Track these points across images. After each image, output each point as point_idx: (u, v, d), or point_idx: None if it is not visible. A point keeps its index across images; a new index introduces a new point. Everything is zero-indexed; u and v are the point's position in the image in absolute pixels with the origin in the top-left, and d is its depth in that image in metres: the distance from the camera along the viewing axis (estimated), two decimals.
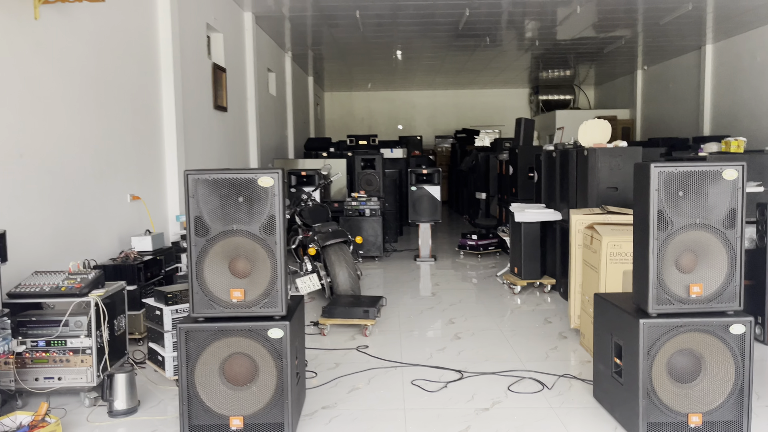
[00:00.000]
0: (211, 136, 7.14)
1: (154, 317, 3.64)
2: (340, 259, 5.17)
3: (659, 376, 2.73)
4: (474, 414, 3.10)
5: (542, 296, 5.63)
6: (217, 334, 2.76)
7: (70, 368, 3.24)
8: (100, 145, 4.61)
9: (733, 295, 2.71)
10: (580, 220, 4.19)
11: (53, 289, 3.26)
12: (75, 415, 3.15)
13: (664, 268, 2.70)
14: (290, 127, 12.21)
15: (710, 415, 2.72)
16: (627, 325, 2.81)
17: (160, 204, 5.69)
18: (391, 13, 9.08)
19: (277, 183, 2.75)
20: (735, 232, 2.70)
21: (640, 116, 15.71)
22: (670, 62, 13.91)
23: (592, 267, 3.93)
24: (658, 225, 2.69)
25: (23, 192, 3.69)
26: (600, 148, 4.82)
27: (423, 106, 19.06)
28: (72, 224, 4.19)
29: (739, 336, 2.70)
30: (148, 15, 5.53)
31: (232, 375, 2.79)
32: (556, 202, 5.74)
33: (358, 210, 7.48)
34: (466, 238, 7.98)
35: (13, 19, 3.62)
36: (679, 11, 9.35)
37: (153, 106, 5.60)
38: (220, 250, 2.76)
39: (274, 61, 10.95)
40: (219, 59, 7.71)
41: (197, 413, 2.78)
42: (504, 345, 4.21)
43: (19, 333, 3.20)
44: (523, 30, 10.53)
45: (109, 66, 4.77)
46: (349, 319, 4.52)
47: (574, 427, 2.93)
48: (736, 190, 2.69)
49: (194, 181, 2.73)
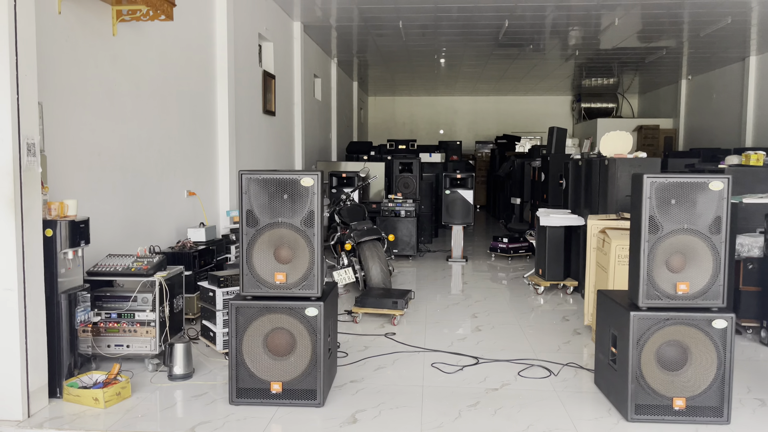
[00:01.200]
0: (260, 139, 7.70)
1: (207, 298, 4.16)
2: (373, 255, 5.62)
3: (648, 364, 3.06)
4: (484, 392, 3.49)
5: (564, 297, 5.94)
6: (262, 310, 3.24)
7: (137, 338, 3.78)
8: (163, 145, 5.18)
9: (717, 294, 3.03)
10: (595, 224, 4.52)
11: (124, 270, 3.80)
12: (140, 378, 3.68)
13: (654, 267, 3.04)
14: (334, 130, 12.75)
15: (693, 400, 3.04)
16: (621, 318, 3.15)
17: (212, 200, 6.26)
18: (433, 23, 9.49)
19: (316, 183, 3.21)
20: (720, 237, 3.01)
21: (683, 126, 15.65)
22: (714, 73, 13.86)
23: (603, 268, 4.25)
24: (650, 229, 3.03)
25: (99, 186, 4.26)
26: (620, 158, 5.12)
27: (465, 111, 19.37)
28: (138, 215, 4.76)
29: (721, 330, 3.01)
30: (206, 28, 6.10)
31: (274, 346, 3.25)
32: (580, 208, 6.04)
33: (394, 211, 7.91)
34: (498, 241, 8.32)
35: (96, 36, 4.20)
36: (718, 24, 9.46)
37: (208, 110, 6.17)
38: (267, 239, 3.24)
39: (320, 68, 11.50)
40: (269, 67, 8.27)
41: (243, 378, 3.26)
42: (520, 338, 4.57)
43: (96, 305, 3.75)
44: (565, 39, 10.75)
45: (172, 75, 5.34)
46: (379, 309, 4.95)
47: (572, 407, 3.29)
48: (721, 200, 3.00)
49: (247, 179, 3.21)
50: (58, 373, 3.33)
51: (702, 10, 8.75)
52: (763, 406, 3.31)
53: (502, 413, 3.21)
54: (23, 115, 3.03)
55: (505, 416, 3.17)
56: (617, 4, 8.27)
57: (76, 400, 3.27)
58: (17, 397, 3.07)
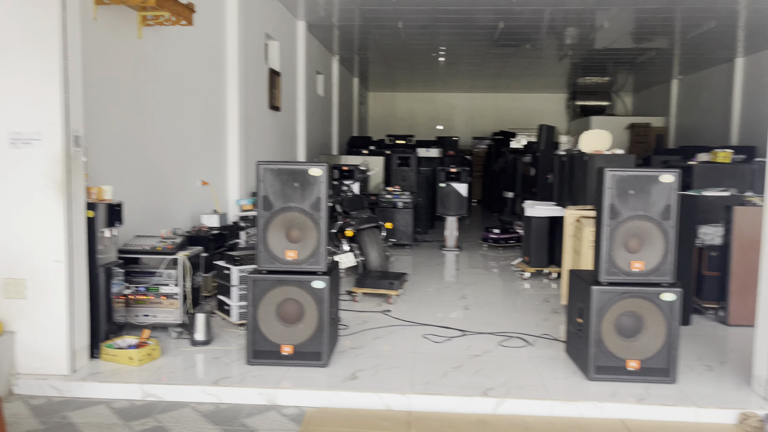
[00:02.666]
0: (266, 133, 8.18)
1: (223, 275, 4.65)
2: (372, 241, 6.11)
3: (607, 331, 3.56)
4: (467, 358, 3.99)
5: (548, 282, 6.44)
6: (275, 283, 3.73)
7: (162, 308, 4.26)
8: (180, 138, 5.66)
9: (667, 271, 3.52)
10: (572, 214, 5.01)
11: (151, 248, 4.29)
12: (165, 343, 4.17)
13: (614, 248, 3.53)
14: (335, 125, 13.22)
15: (646, 362, 3.54)
16: (585, 292, 3.64)
17: (223, 189, 6.74)
18: (431, 24, 9.94)
19: (323, 173, 3.69)
20: (670, 222, 3.50)
21: (674, 124, 16.13)
22: (704, 73, 14.33)
23: (578, 252, 4.75)
24: (610, 215, 3.52)
25: (126, 174, 4.73)
26: (598, 154, 5.60)
27: (462, 107, 19.83)
28: (158, 201, 5.24)
29: (669, 302, 3.50)
30: (218, 29, 6.57)
31: (285, 314, 3.75)
32: (564, 200, 6.53)
33: (392, 202, 8.40)
34: (489, 232, 8.81)
35: (123, 39, 4.66)
36: (703, 27, 9.92)
37: (220, 106, 6.65)
38: (280, 221, 3.72)
39: (322, 64, 11.96)
40: (275, 64, 8.74)
41: (258, 341, 3.75)
42: (504, 315, 5.06)
43: (126, 279, 4.23)
44: (560, 38, 11.19)
45: (188, 73, 5.81)
46: (377, 289, 5.45)
47: (544, 370, 3.79)
48: (671, 190, 3.48)
49: (263, 169, 3.70)
50: (97, 337, 3.82)
51: (688, 14, 9.22)
52: (710, 371, 3.81)
53: (482, 373, 3.71)
54: (71, 111, 3.51)
55: (484, 376, 3.67)
56: (608, 7, 8.73)
57: (113, 360, 3.76)
58: (64, 355, 3.56)
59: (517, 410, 3.32)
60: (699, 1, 8.41)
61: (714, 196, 5.16)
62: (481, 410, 3.33)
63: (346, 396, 3.41)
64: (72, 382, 3.50)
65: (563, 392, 3.45)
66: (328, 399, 3.41)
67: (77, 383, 3.50)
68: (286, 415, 3.29)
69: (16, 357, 3.56)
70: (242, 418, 3.24)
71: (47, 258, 3.50)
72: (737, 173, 5.62)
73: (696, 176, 5.69)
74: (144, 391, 3.47)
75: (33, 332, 3.55)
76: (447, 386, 3.51)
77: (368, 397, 3.40)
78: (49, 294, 3.52)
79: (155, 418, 3.23)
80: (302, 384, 3.52)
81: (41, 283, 3.52)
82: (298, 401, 3.42)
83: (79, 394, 3.48)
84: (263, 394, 3.43)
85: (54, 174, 3.47)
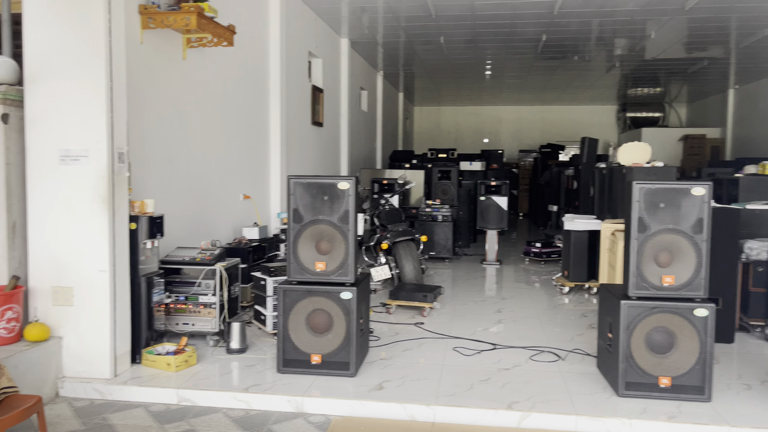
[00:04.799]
0: (309, 148, 8.38)
1: (259, 286, 4.79)
2: (407, 254, 6.16)
3: (637, 346, 3.49)
4: (496, 371, 3.98)
5: (588, 297, 6.33)
6: (305, 293, 3.83)
7: (201, 317, 4.44)
8: (223, 154, 5.88)
9: (699, 286, 3.43)
10: (608, 228, 4.93)
11: (191, 260, 4.47)
12: (202, 351, 4.33)
13: (643, 262, 3.48)
14: (379, 139, 13.38)
15: (678, 379, 3.45)
16: (615, 306, 3.59)
17: (265, 203, 6.94)
18: (472, 38, 9.99)
19: (351, 187, 3.79)
20: (702, 236, 3.42)
21: (730, 135, 15.56)
22: (761, 82, 13.81)
23: (613, 266, 4.67)
24: (639, 228, 3.47)
25: (170, 188, 4.96)
26: (637, 167, 5.50)
27: (509, 120, 19.70)
28: (200, 214, 5.46)
29: (702, 318, 3.41)
30: (262, 48, 6.81)
31: (314, 324, 3.84)
32: (604, 213, 6.42)
33: (431, 216, 8.43)
34: (531, 246, 8.72)
35: (169, 60, 4.92)
36: (758, 35, 9.60)
37: (262, 122, 6.87)
38: (310, 234, 3.84)
39: (366, 80, 12.16)
40: (317, 81, 8.96)
41: (289, 350, 3.86)
42: (538, 330, 5.02)
43: (167, 289, 4.43)
44: (606, 49, 11.03)
45: (231, 91, 6.05)
46: (411, 302, 5.49)
47: (572, 385, 3.74)
48: (703, 203, 3.41)
49: (294, 183, 3.82)
50: (138, 343, 4.01)
51: (739, 23, 8.94)
52: (748, 390, 3.67)
53: (509, 387, 3.70)
54: (116, 129, 3.73)
55: (511, 389, 3.66)
56: (656, 17, 8.56)
57: (153, 365, 3.94)
58: (106, 360, 3.76)
59: (541, 425, 3.30)
60: (751, 9, 8.16)
61: (759, 209, 4.98)
62: (505, 423, 3.32)
63: (372, 405, 3.47)
64: (113, 386, 3.69)
65: (591, 408, 3.40)
66: (354, 408, 3.47)
67: (118, 387, 3.68)
68: (312, 423, 3.37)
69: (63, 361, 3.78)
70: (270, 425, 3.34)
71: (92, 268, 3.72)
72: None
73: (742, 189, 5.51)
74: (179, 396, 3.62)
75: (79, 338, 3.77)
76: (472, 398, 3.52)
77: (393, 407, 3.45)
78: (93, 302, 3.73)
79: (188, 422, 3.37)
80: (329, 393, 3.59)
81: (87, 292, 3.74)
82: (324, 409, 3.49)
83: (119, 397, 3.67)
84: (291, 401, 3.53)
85: (99, 188, 3.69)
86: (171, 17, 4.45)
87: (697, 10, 8.12)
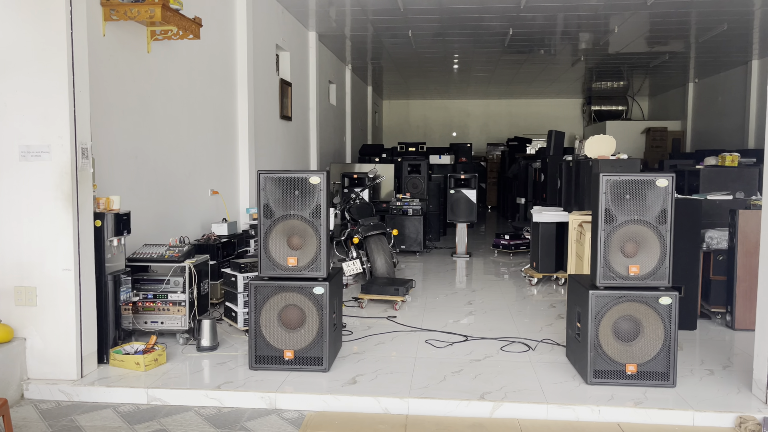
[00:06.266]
0: (277, 142, 8.30)
1: (230, 282, 4.74)
2: (378, 248, 6.17)
3: (605, 335, 3.57)
4: (468, 362, 4.02)
5: (556, 288, 6.44)
6: (277, 289, 3.81)
7: (170, 315, 4.37)
8: (190, 149, 5.79)
9: (664, 275, 3.53)
10: (575, 219, 5.02)
11: (159, 257, 4.40)
12: (173, 349, 4.27)
13: (609, 253, 3.55)
14: (348, 133, 13.34)
15: (644, 366, 3.54)
16: (583, 296, 3.66)
17: (234, 198, 6.86)
18: (440, 32, 10.03)
19: (322, 181, 3.77)
20: (666, 226, 3.51)
21: (690, 128, 15.97)
22: (720, 76, 14.20)
23: (580, 257, 4.76)
24: (605, 219, 3.54)
25: (136, 184, 4.87)
26: (603, 159, 5.61)
27: (477, 114, 19.86)
28: (168, 211, 5.36)
29: (667, 306, 3.51)
30: (228, 41, 6.71)
31: (286, 320, 3.82)
32: (571, 205, 6.53)
33: (402, 209, 8.46)
34: (500, 238, 8.82)
35: (133, 53, 4.81)
36: (716, 30, 9.85)
37: (230, 117, 6.78)
38: (281, 229, 3.81)
39: (335, 74, 12.09)
40: (285, 75, 8.88)
41: (261, 347, 3.83)
42: (508, 321, 5.08)
43: (135, 287, 4.35)
44: (571, 43, 11.19)
45: (198, 85, 5.95)
46: (383, 296, 5.50)
47: (543, 374, 3.80)
48: (667, 194, 3.50)
49: (264, 178, 3.79)
50: (105, 343, 3.93)
51: (699, 18, 9.17)
52: (711, 375, 3.79)
53: (481, 378, 3.74)
54: (79, 125, 3.64)
55: (483, 380, 3.70)
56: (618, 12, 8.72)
57: (121, 365, 3.87)
58: (72, 360, 3.67)
59: (513, 414, 3.35)
60: (710, 5, 8.37)
61: (719, 200, 5.13)
62: (477, 414, 3.36)
63: (346, 400, 3.47)
64: (80, 387, 3.61)
65: (560, 396, 3.46)
66: (328, 403, 3.47)
67: (85, 388, 3.61)
68: (285, 419, 3.36)
69: (27, 362, 3.68)
70: (243, 422, 3.32)
71: (56, 267, 3.62)
72: (744, 177, 5.58)
73: (703, 180, 5.66)
74: (149, 396, 3.56)
75: (43, 338, 3.68)
76: (445, 390, 3.55)
77: (367, 401, 3.46)
78: (58, 301, 3.64)
79: (159, 421, 3.32)
80: (303, 388, 3.58)
81: (51, 291, 3.64)
82: (298, 405, 3.48)
83: (87, 399, 3.59)
84: (264, 398, 3.50)
85: (62, 185, 3.59)
86: (134, 9, 4.35)
87: (658, 5, 8.29)
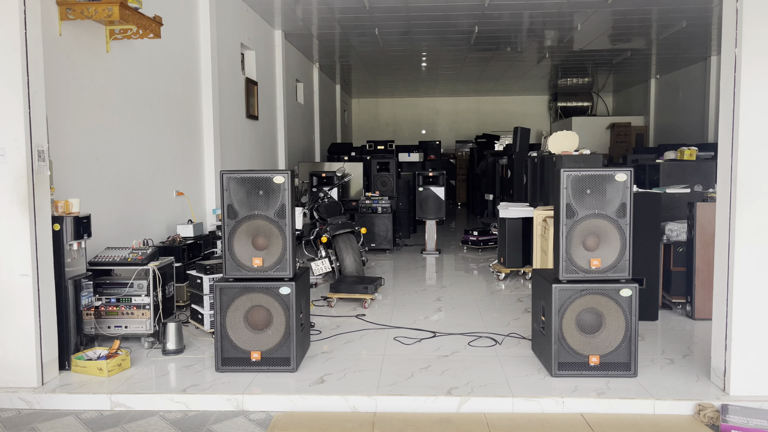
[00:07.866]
0: (244, 142, 8.22)
1: (195, 284, 4.69)
2: (347, 246, 6.16)
3: (568, 328, 3.63)
4: (436, 358, 4.05)
5: (524, 282, 6.52)
6: (242, 290, 3.78)
7: (134, 319, 4.30)
8: (153, 150, 5.70)
9: (624, 267, 3.60)
10: (539, 214, 5.09)
11: (122, 260, 4.32)
12: (137, 353, 4.20)
13: (572, 247, 3.61)
14: (317, 132, 13.28)
15: (606, 357, 3.62)
16: (546, 290, 3.72)
17: (199, 199, 6.78)
18: (407, 30, 10.05)
19: (287, 180, 3.75)
20: (626, 220, 3.58)
21: (653, 123, 16.32)
22: (680, 72, 14.53)
23: (545, 252, 4.82)
24: (567, 214, 3.60)
25: (98, 187, 4.77)
26: (566, 155, 5.70)
27: (446, 112, 19.98)
28: (132, 213, 5.27)
29: (627, 298, 3.58)
30: (191, 40, 6.62)
31: (253, 321, 3.79)
32: (537, 201, 6.62)
33: (371, 207, 8.46)
34: (469, 234, 8.89)
35: (91, 53, 4.71)
36: (675, 27, 10.08)
37: (194, 116, 6.69)
38: (246, 229, 3.78)
39: (302, 72, 12.03)
40: (251, 74, 8.79)
41: (227, 348, 3.80)
42: (476, 316, 5.13)
43: (97, 291, 4.27)
44: (537, 41, 11.32)
45: (160, 84, 5.86)
46: (352, 294, 5.50)
47: (509, 368, 3.85)
48: (625, 188, 3.57)
49: (227, 178, 3.75)
50: (66, 349, 3.85)
51: (658, 15, 9.38)
52: (671, 364, 3.89)
53: (448, 373, 3.77)
54: (34, 126, 3.55)
55: (450, 375, 3.73)
56: (581, 9, 8.86)
57: (83, 371, 3.79)
58: (33, 367, 3.59)
59: (480, 408, 3.38)
60: (670, 2, 8.56)
61: (678, 193, 5.25)
62: (445, 409, 3.39)
63: (313, 399, 3.46)
64: (41, 394, 3.53)
65: (526, 389, 3.51)
66: (295, 403, 3.46)
67: (46, 395, 3.53)
68: (253, 420, 3.34)
69: None
70: (209, 425, 3.28)
71: (13, 272, 3.53)
72: (702, 170, 5.73)
73: (663, 174, 5.79)
74: (113, 402, 3.50)
75: (1, 346, 3.58)
76: (413, 387, 3.57)
77: (335, 399, 3.45)
78: (16, 307, 3.55)
79: (123, 427, 3.27)
80: (270, 389, 3.56)
81: (8, 297, 3.55)
82: (265, 406, 3.46)
83: (48, 406, 3.51)
84: (231, 400, 3.47)
85: (18, 188, 3.50)
86: (91, 8, 4.26)
87: (619, 2, 8.45)
